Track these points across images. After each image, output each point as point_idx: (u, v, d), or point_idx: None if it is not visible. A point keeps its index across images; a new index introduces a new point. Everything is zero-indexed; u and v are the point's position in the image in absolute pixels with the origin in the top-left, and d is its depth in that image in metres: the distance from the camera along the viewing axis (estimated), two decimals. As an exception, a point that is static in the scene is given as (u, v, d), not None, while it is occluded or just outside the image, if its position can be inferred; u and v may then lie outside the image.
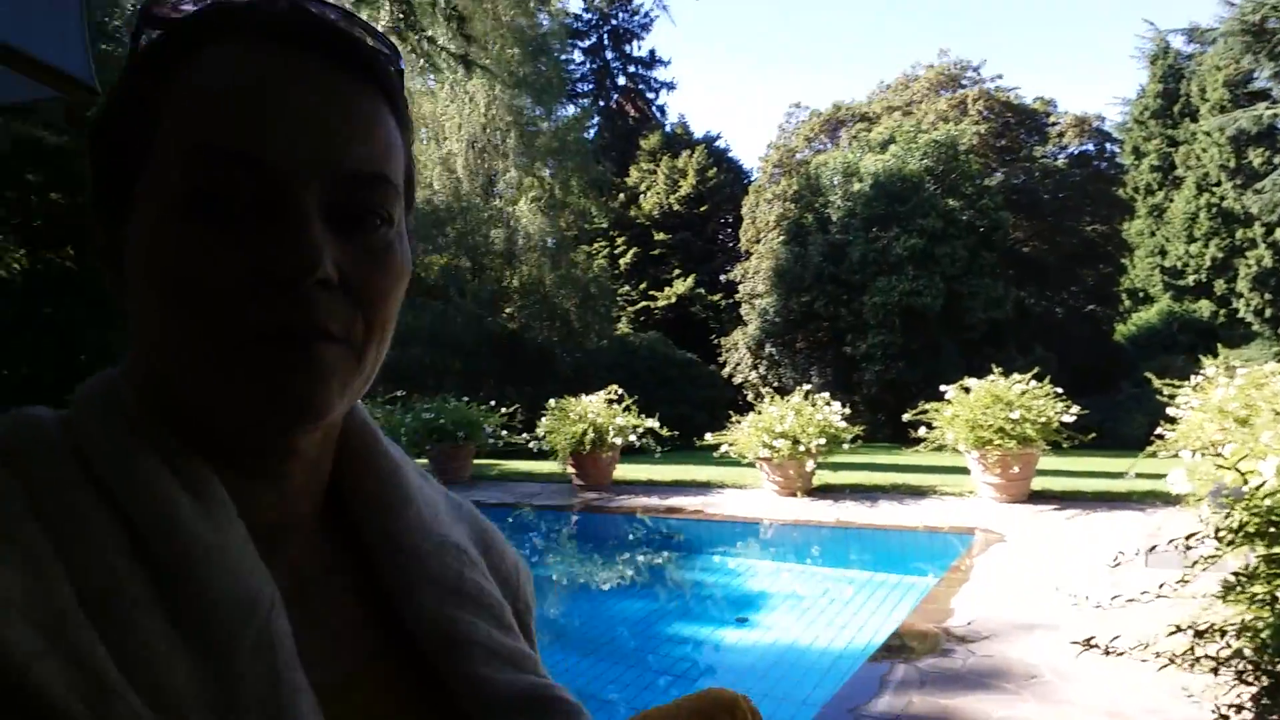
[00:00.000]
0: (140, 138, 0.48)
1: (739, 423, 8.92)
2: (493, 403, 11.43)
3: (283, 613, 0.47)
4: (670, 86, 36.50)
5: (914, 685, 3.43)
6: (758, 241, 23.79)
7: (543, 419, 10.03)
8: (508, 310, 21.55)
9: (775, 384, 19.89)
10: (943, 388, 8.07)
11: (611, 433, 9.40)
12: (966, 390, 7.82)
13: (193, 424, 0.49)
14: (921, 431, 8.14)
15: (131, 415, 0.49)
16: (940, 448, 7.96)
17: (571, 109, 25.13)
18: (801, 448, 8.17)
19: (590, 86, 31.68)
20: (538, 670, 0.60)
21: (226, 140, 0.45)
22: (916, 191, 19.01)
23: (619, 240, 26.79)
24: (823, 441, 8.26)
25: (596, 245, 25.29)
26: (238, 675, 0.44)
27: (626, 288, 25.44)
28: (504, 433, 10.93)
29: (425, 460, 11.34)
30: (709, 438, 9.22)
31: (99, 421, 0.48)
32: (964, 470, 8.22)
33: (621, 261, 26.04)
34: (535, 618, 0.71)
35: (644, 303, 25.63)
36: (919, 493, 8.44)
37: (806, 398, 8.75)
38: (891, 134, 21.43)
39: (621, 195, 27.59)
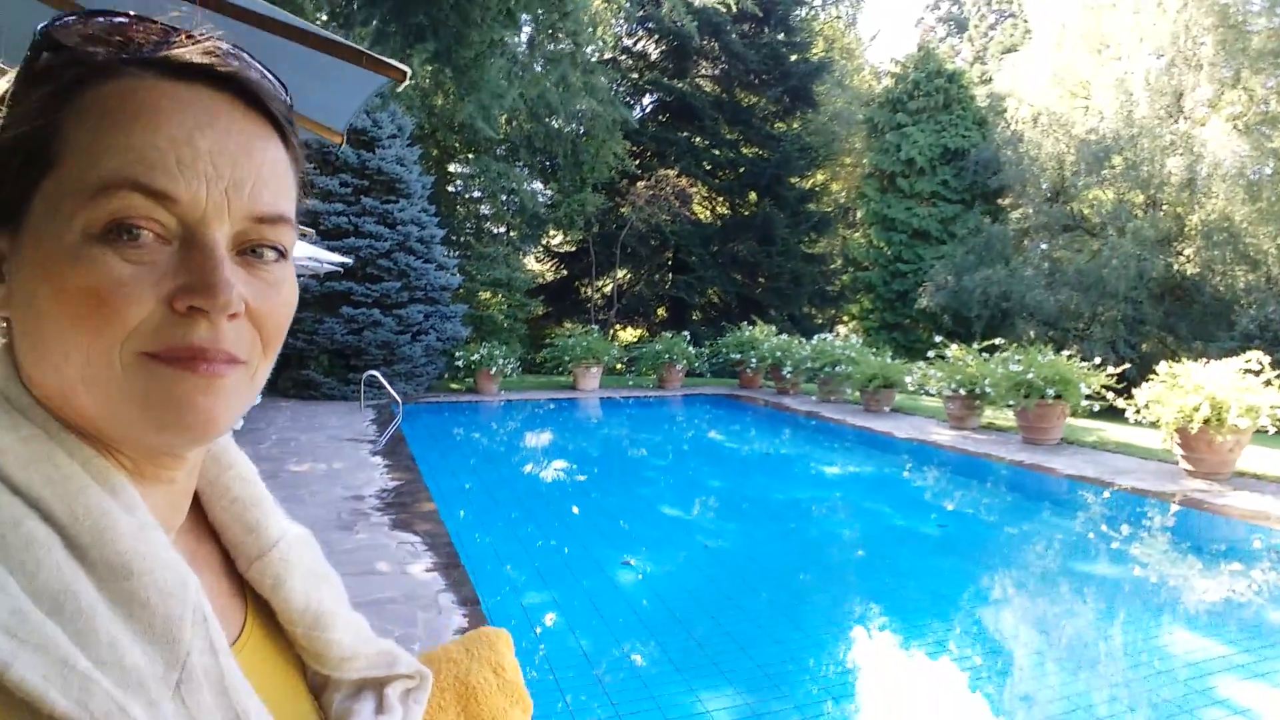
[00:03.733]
0: (40, 153, 0.50)
1: None
2: (1098, 360, 9.98)
3: (202, 592, 0.52)
4: None
5: None
6: None
7: (1145, 385, 8.40)
8: (1184, 252, 18.28)
9: None
10: None
11: (1235, 411, 7.44)
12: None
13: (92, 434, 0.52)
14: None
15: (37, 422, 0.51)
16: None
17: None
18: None
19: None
20: (371, 631, 0.72)
21: (149, 179, 0.48)
22: None
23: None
24: None
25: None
26: (187, 650, 0.48)
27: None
28: (1108, 395, 9.47)
29: (1011, 417, 10.50)
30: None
31: (6, 431, 0.50)
32: None
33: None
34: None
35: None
36: None
37: None
38: None
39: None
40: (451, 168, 21.20)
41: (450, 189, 20.92)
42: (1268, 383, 7.74)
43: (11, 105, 0.52)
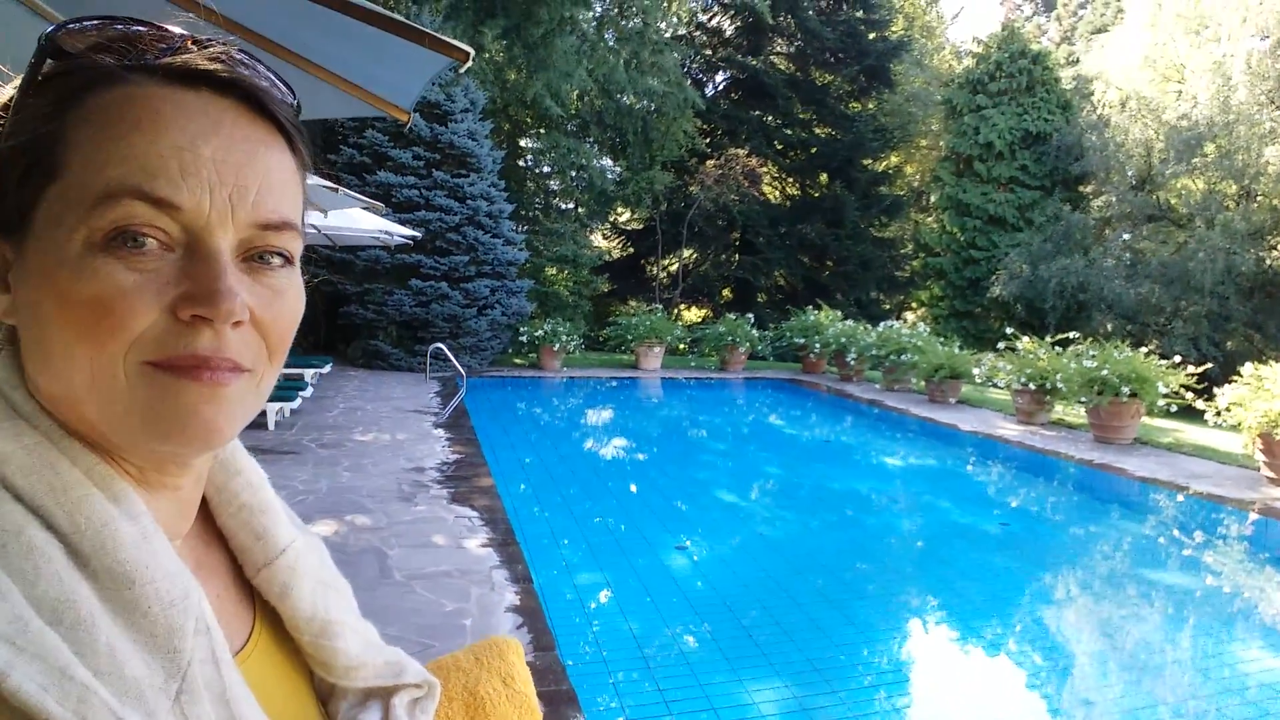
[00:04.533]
0: (42, 162, 0.50)
1: None
2: (1178, 358, 9.59)
3: (206, 601, 0.52)
4: None
5: None
6: None
7: (1227, 386, 8.06)
8: (1279, 247, 17.38)
9: None
10: None
11: (1326, 418, 7.10)
12: None
13: (97, 441, 0.52)
14: None
15: (42, 429, 0.51)
16: None
17: None
18: None
19: None
20: (380, 640, 0.72)
21: (152, 187, 0.48)
22: None
23: None
24: None
25: None
26: (188, 660, 0.49)
27: None
28: (1188, 395, 9.10)
29: (1082, 412, 10.18)
30: None
31: (10, 439, 0.50)
32: None
33: None
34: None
35: None
36: None
37: None
38: None
39: None
40: (522, 142, 21.34)
41: (520, 164, 21.06)
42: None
43: (14, 113, 0.52)
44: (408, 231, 10.66)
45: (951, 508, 7.63)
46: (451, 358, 11.76)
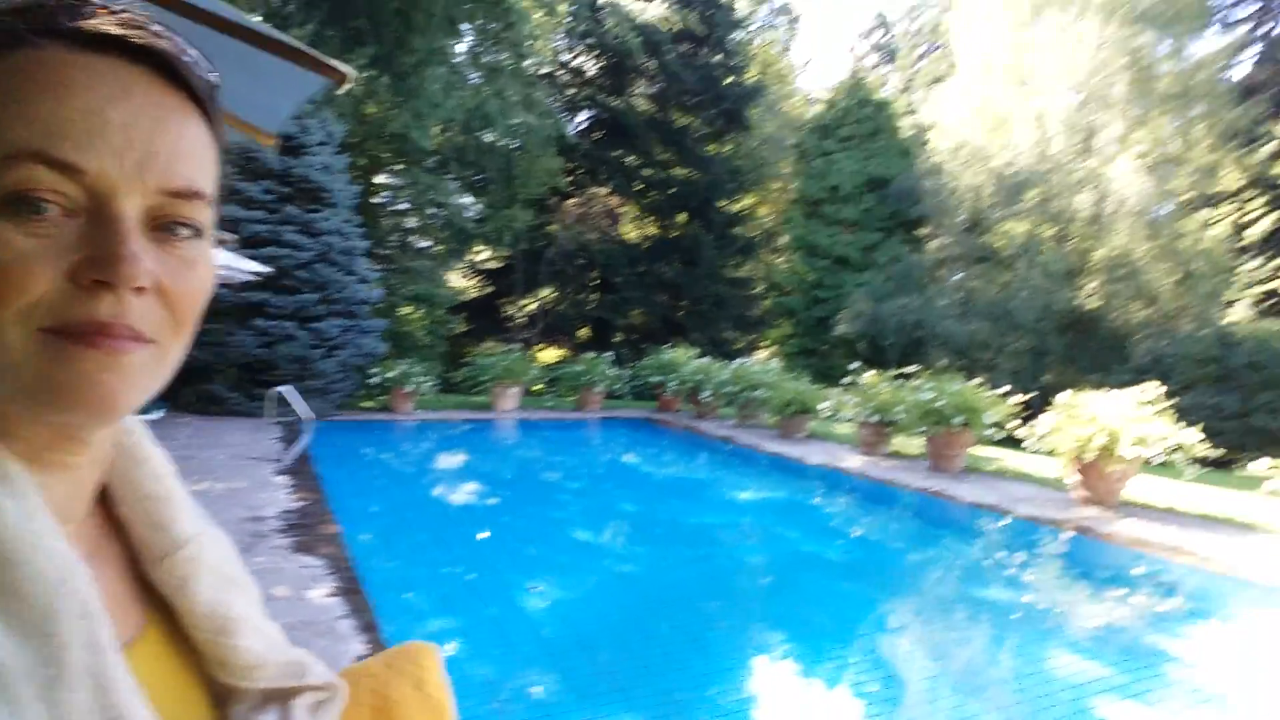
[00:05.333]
0: None
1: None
2: (1007, 388, 10.34)
3: (94, 586, 0.50)
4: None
5: None
6: None
7: (1043, 415, 8.75)
8: (1087, 286, 19.10)
9: None
10: None
11: (1126, 441, 7.79)
12: None
13: None
14: None
15: None
16: None
17: (1210, 44, 20.81)
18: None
19: (1258, 6, 25.30)
20: (285, 640, 0.69)
21: (56, 150, 0.47)
22: None
23: (1254, 204, 21.53)
24: None
25: (1220, 210, 20.76)
26: (64, 645, 0.46)
27: (1255, 264, 20.48)
28: (1012, 424, 9.81)
29: (919, 443, 10.78)
30: (1258, 467, 7.05)
31: None
32: None
33: (1249, 232, 20.97)
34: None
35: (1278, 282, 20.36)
36: None
37: None
38: None
39: (1270, 146, 21.92)
40: (379, 178, 20.87)
41: (376, 200, 20.59)
42: (1159, 414, 8.10)
43: None
44: (255, 266, 10.21)
45: (800, 538, 7.89)
46: (296, 401, 11.29)
